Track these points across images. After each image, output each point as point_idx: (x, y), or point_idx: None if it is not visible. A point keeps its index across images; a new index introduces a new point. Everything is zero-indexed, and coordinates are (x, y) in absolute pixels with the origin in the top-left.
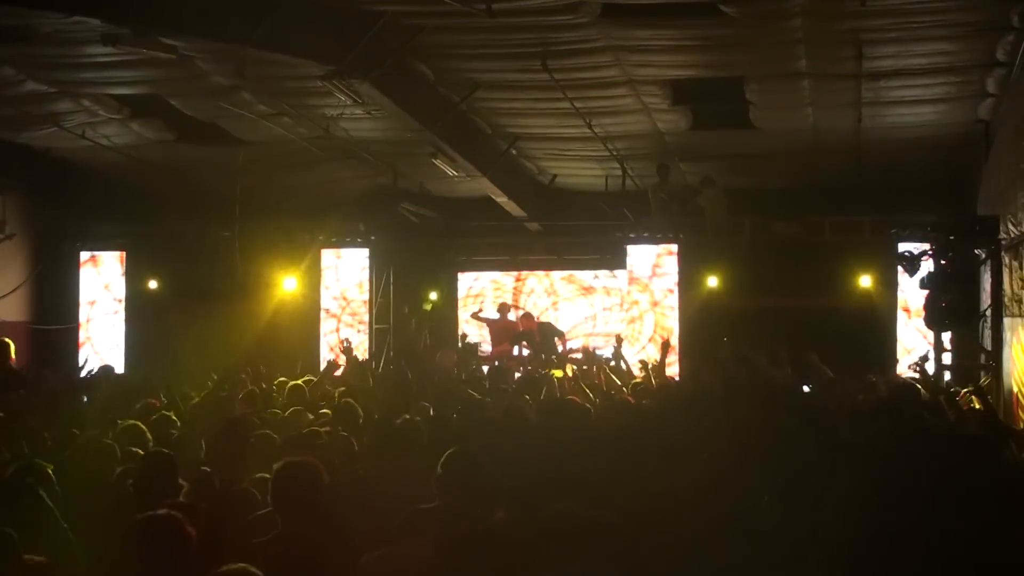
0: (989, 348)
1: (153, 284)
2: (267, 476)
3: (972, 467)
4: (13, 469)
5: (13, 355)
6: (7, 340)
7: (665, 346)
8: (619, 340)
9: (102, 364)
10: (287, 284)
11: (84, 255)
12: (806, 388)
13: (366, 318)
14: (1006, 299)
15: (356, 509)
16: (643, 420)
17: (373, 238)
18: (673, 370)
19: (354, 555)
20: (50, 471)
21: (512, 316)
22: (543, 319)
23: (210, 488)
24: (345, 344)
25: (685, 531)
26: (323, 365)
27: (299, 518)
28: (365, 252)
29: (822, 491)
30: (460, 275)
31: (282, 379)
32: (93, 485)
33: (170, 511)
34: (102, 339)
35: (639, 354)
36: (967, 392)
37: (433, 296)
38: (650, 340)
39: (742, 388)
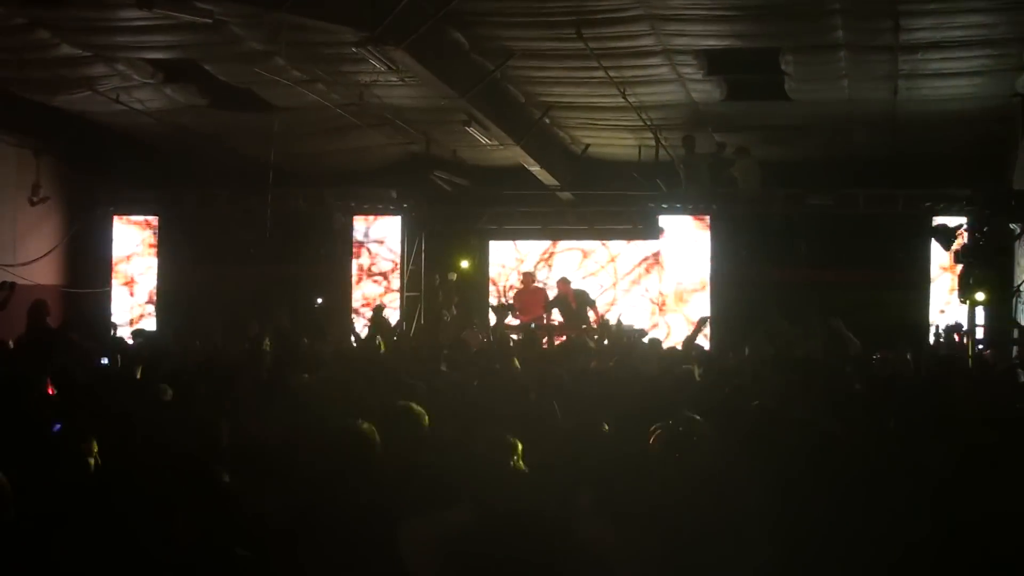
0: (1023, 323)
1: (185, 249)
2: None
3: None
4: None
5: (49, 315)
6: (43, 300)
7: (703, 321)
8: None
9: (134, 329)
10: (320, 252)
11: None
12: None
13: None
14: None
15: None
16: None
17: (405, 205)
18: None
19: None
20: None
21: (538, 284)
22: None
23: None
24: (376, 304)
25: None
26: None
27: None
28: (397, 220)
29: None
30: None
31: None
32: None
33: None
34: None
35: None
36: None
37: (464, 264)
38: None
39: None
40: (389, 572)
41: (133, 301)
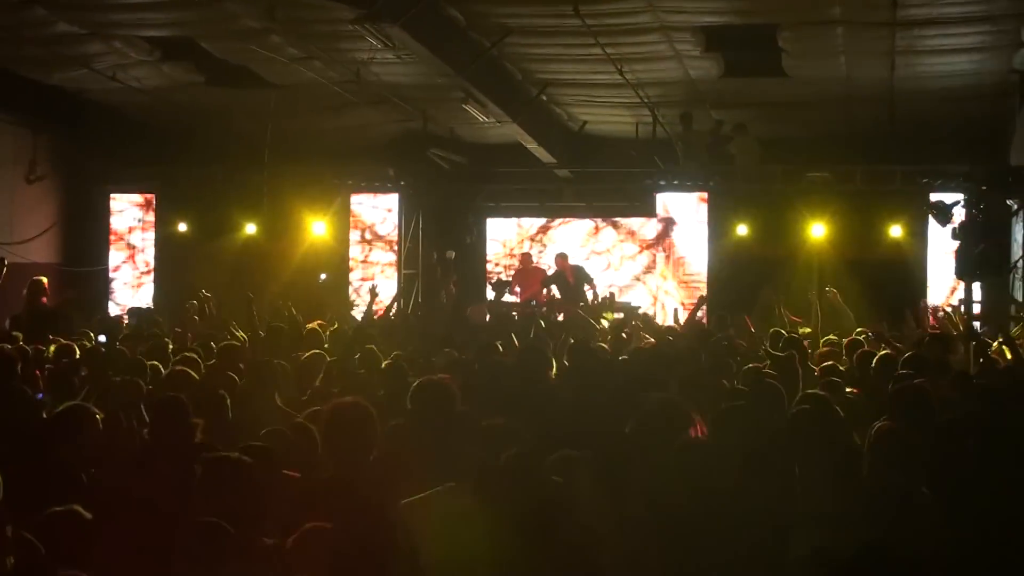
0: (1020, 299)
1: (182, 227)
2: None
3: None
4: (60, 409)
5: (46, 293)
6: (41, 278)
7: (701, 300)
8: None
9: (131, 307)
10: (316, 228)
11: None
12: None
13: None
14: None
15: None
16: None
17: (403, 183)
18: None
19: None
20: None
21: (537, 265)
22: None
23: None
24: (372, 291)
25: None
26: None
27: (351, 461)
28: (394, 197)
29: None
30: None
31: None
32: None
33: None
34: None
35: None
36: (997, 343)
37: (468, 241)
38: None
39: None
40: None
41: (133, 276)
